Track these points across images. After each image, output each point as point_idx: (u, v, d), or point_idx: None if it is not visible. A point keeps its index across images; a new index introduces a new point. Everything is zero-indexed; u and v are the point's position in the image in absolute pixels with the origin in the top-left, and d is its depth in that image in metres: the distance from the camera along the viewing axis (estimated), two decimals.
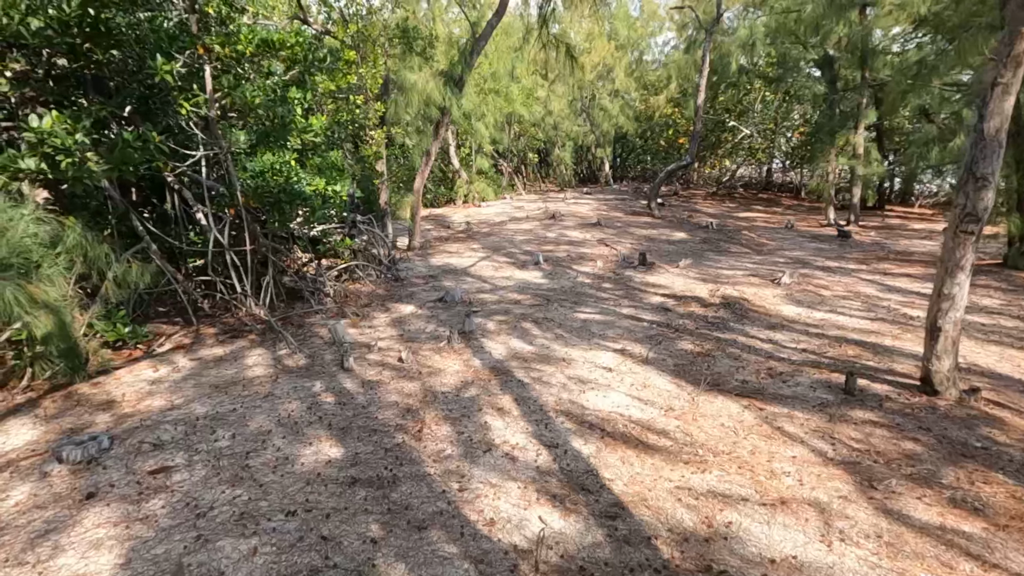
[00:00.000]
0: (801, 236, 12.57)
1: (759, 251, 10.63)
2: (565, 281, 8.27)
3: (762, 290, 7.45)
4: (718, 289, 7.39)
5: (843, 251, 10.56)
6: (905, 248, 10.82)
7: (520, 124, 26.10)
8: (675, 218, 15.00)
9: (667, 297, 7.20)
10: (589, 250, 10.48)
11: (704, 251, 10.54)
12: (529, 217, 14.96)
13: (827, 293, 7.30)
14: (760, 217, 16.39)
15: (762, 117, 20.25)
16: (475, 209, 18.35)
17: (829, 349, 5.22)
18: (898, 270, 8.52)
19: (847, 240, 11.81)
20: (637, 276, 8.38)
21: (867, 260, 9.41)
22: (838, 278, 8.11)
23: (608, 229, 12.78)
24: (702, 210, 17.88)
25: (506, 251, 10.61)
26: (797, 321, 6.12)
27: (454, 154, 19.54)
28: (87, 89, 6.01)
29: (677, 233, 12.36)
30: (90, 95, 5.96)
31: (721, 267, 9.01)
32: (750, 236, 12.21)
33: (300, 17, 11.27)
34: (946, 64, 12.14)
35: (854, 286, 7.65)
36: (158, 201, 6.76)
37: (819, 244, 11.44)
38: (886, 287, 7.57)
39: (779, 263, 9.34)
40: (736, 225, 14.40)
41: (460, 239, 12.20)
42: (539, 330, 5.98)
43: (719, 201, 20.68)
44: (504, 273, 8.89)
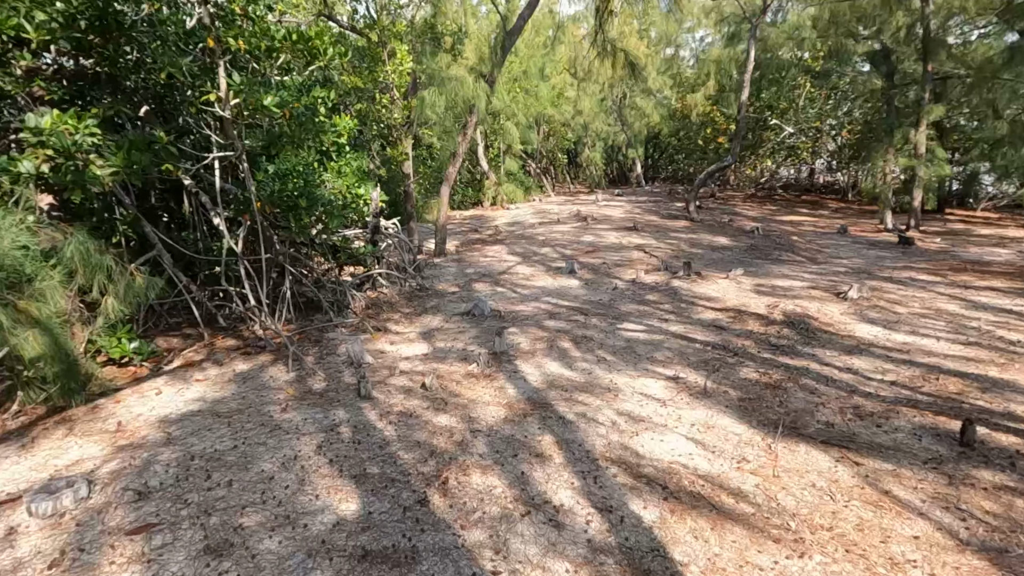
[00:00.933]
0: (857, 242, 11.61)
1: (814, 260, 9.77)
2: (603, 292, 7.62)
3: (827, 305, 6.66)
4: (777, 304, 6.64)
5: (908, 260, 9.62)
6: (978, 257, 9.81)
7: (549, 124, 25.49)
8: (715, 222, 14.16)
9: (720, 312, 6.49)
10: (627, 256, 9.78)
11: (753, 259, 9.73)
12: (560, 220, 14.31)
13: (902, 310, 6.47)
14: (807, 221, 15.39)
15: (807, 115, 19.15)
16: (504, 211, 17.80)
17: (924, 383, 4.46)
18: (980, 282, 7.60)
19: (910, 247, 10.82)
20: (683, 287, 7.67)
21: (939, 270, 8.49)
22: (912, 292, 7.25)
23: (645, 233, 12.05)
24: (743, 213, 16.95)
25: (538, 257, 9.99)
26: (876, 345, 5.35)
27: (482, 155, 19.03)
28: (101, 88, 5.64)
29: (719, 239, 11.55)
30: (103, 95, 5.60)
31: (775, 278, 8.22)
32: (801, 242, 11.32)
33: (326, 14, 10.87)
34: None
35: (932, 302, 6.79)
36: (176, 206, 6.37)
37: (879, 252, 10.50)
38: (970, 303, 6.70)
39: (839, 273, 8.50)
40: (782, 230, 13.49)
41: (489, 243, 11.65)
42: (579, 350, 5.35)
43: (759, 203, 19.67)
44: (537, 282, 8.28)
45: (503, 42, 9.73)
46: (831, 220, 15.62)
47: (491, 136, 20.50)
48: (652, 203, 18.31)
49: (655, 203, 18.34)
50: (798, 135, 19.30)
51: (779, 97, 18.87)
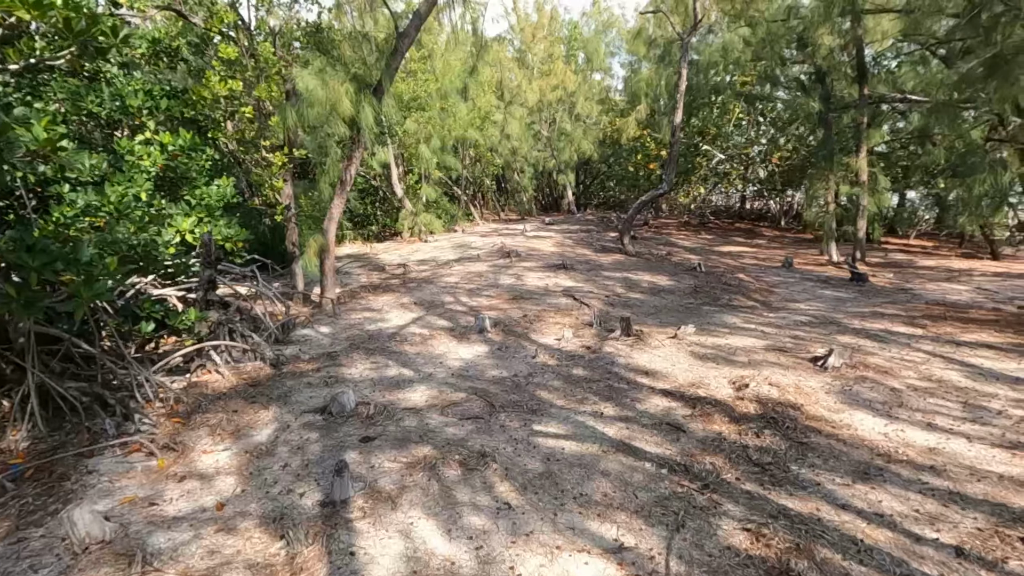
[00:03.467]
0: (807, 279, 10.46)
1: (768, 304, 8.39)
2: (519, 363, 5.75)
3: (805, 379, 5.09)
4: (744, 381, 4.98)
5: (870, 302, 8.43)
6: (941, 296, 8.78)
7: (476, 148, 23.92)
8: (652, 256, 12.78)
9: (672, 398, 4.76)
10: (553, 306, 8.01)
11: (700, 306, 8.22)
12: (481, 257, 12.46)
13: (898, 384, 4.99)
14: (747, 252, 14.36)
15: (735, 141, 18.54)
16: (421, 245, 15.78)
17: (996, 542, 2.82)
18: (967, 336, 6.34)
19: (864, 285, 9.74)
20: (621, 352, 5.93)
21: (913, 319, 7.24)
22: (897, 353, 5.84)
23: (575, 273, 10.38)
24: (679, 243, 15.80)
25: (443, 308, 8.04)
26: (894, 456, 3.74)
27: (397, 181, 17.00)
28: None
29: (659, 278, 10.05)
30: None
31: (731, 333, 6.67)
32: (749, 281, 10.01)
33: (176, 8, 8.62)
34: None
35: (927, 368, 5.38)
36: None
37: (835, 291, 9.31)
38: (973, 369, 5.33)
39: (802, 324, 7.07)
40: (725, 264, 12.26)
41: (391, 288, 9.59)
42: (471, 489, 3.41)
43: (694, 232, 18.74)
44: (435, 348, 6.31)
45: (395, 46, 7.87)
46: (771, 251, 14.68)
47: (409, 160, 18.56)
48: (584, 232, 16.88)
49: (587, 232, 16.93)
50: (729, 161, 18.61)
51: (709, 122, 18.15)
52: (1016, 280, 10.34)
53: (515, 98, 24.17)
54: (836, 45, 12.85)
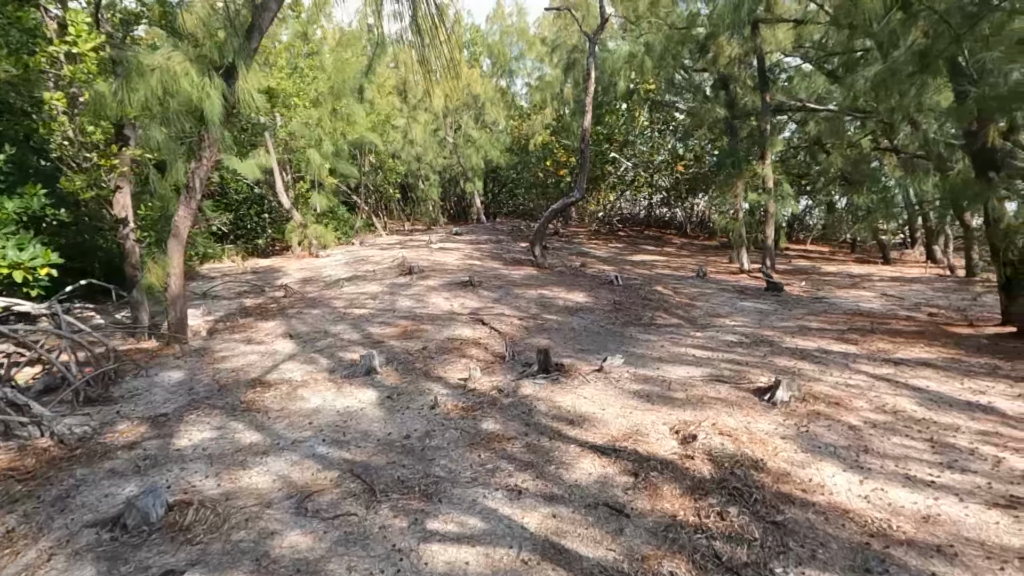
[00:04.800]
0: (724, 289, 10.09)
1: (693, 321, 7.76)
2: (414, 418, 4.51)
3: (755, 420, 4.30)
4: (689, 430, 4.09)
5: (792, 314, 8.06)
6: (855, 305, 8.64)
7: (376, 154, 22.30)
8: (566, 268, 12.00)
9: (607, 459, 3.75)
10: (458, 334, 6.83)
11: (623, 327, 7.41)
12: (378, 273, 11.02)
13: (854, 419, 4.33)
14: (659, 261, 14.04)
15: (640, 149, 18.46)
16: (311, 261, 13.99)
17: None
18: (901, 352, 5.95)
19: (781, 294, 9.49)
20: (541, 395, 4.88)
21: (842, 332, 6.86)
22: (839, 376, 5.28)
23: (485, 291, 9.28)
24: (592, 253, 15.24)
25: (327, 342, 6.60)
26: (889, 533, 2.95)
27: (282, 189, 15.04)
28: None
29: (576, 294, 9.20)
30: None
31: (663, 362, 5.85)
32: (669, 294, 9.42)
33: None
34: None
35: (875, 395, 4.81)
36: None
37: (756, 303, 8.93)
38: (920, 394, 4.83)
39: (733, 345, 6.43)
40: (640, 275, 11.73)
41: (266, 316, 7.96)
42: None
43: (604, 240, 18.39)
44: (308, 399, 4.91)
45: (252, 21, 6.37)
46: (682, 259, 14.49)
47: (298, 166, 16.62)
48: (494, 243, 15.88)
49: (497, 243, 15.94)
50: (636, 169, 18.49)
51: (616, 129, 17.90)
52: (912, 284, 10.63)
53: (419, 102, 22.84)
54: (738, 53, 12.86)
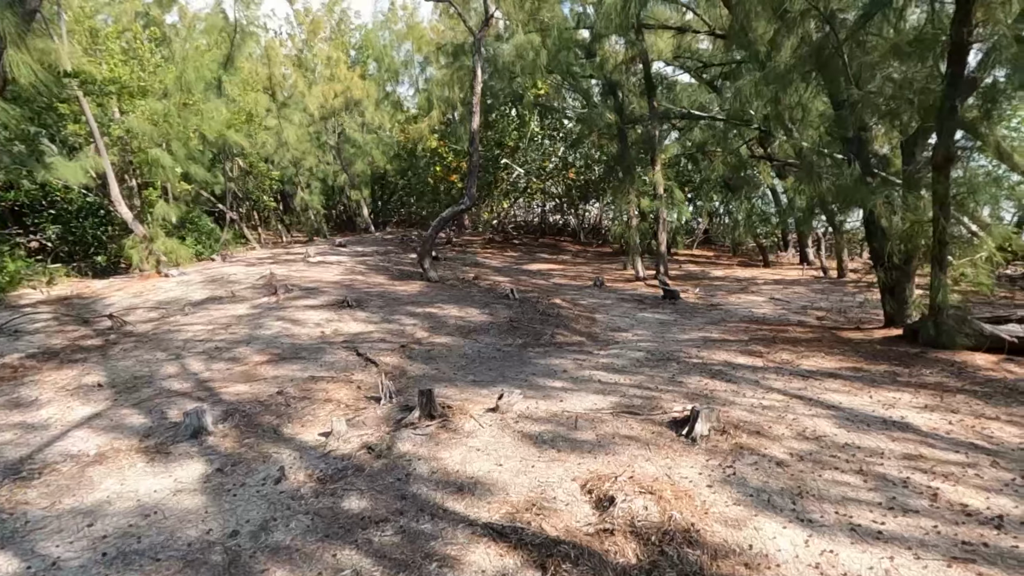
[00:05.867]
0: (623, 299, 9.74)
1: (594, 337, 7.18)
2: (250, 501, 3.34)
3: (677, 466, 3.66)
4: (604, 489, 3.33)
5: (692, 324, 7.78)
6: (749, 312, 8.59)
7: (246, 158, 20.01)
8: (458, 281, 11.09)
9: (505, 546, 2.86)
10: (328, 371, 5.65)
11: (522, 351, 6.63)
12: (237, 295, 9.38)
13: (780, 452, 3.84)
14: (555, 271, 13.60)
15: (533, 155, 18.11)
16: (161, 282, 11.82)
17: None
18: (805, 363, 5.72)
19: (678, 302, 9.29)
20: (422, 452, 3.90)
21: (745, 344, 6.59)
22: (752, 397, 4.85)
23: (366, 311, 8.10)
24: (487, 263, 14.48)
25: (152, 391, 5.12)
26: None
27: (119, 197, 12.64)
28: None
29: (470, 311, 8.31)
30: None
31: (565, 391, 5.11)
32: (568, 308, 8.83)
33: None
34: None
35: (793, 418, 4.40)
36: None
37: (654, 313, 8.60)
38: (834, 412, 4.50)
39: (641, 365, 5.88)
40: (536, 286, 11.13)
41: (78, 357, 6.19)
42: None
43: (499, 249, 17.76)
44: (93, 489, 3.52)
45: None
46: (578, 267, 14.18)
47: (142, 169, 14.17)
48: (381, 255, 14.58)
49: (384, 255, 14.66)
50: (529, 175, 18.08)
51: (508, 134, 17.37)
52: (793, 287, 11.02)
53: (290, 100, 20.84)
54: (624, 59, 12.79)
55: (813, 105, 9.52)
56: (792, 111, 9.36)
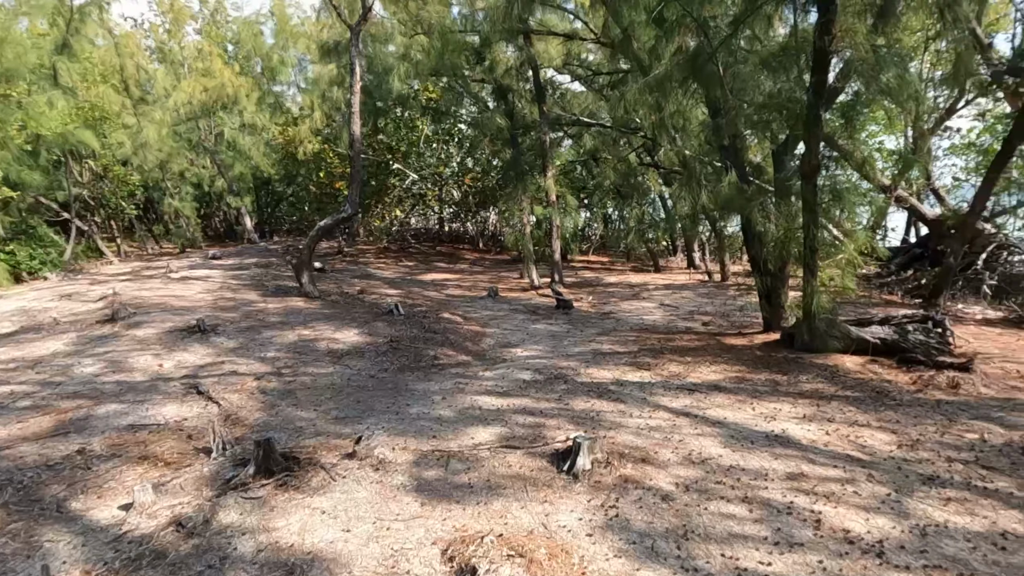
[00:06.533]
0: (515, 310, 9.36)
1: (481, 355, 6.69)
2: None
3: (555, 513, 3.21)
4: (466, 554, 2.80)
5: (584, 336, 7.53)
6: (640, 320, 8.54)
7: (99, 160, 17.56)
8: (341, 296, 10.18)
9: None
10: (151, 418, 4.66)
11: (399, 376, 5.97)
12: (63, 322, 7.85)
13: (665, 483, 3.54)
14: (451, 280, 13.02)
15: (427, 160, 17.46)
16: None
17: None
18: (692, 375, 5.59)
19: (571, 312, 9.07)
20: (248, 526, 3.15)
21: (634, 356, 6.40)
22: (639, 417, 4.58)
23: (222, 338, 7.03)
24: (377, 274, 13.60)
25: None
26: None
27: None
28: None
29: (347, 332, 7.50)
30: None
31: (440, 425, 4.55)
32: (458, 322, 8.28)
33: None
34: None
35: (679, 438, 4.16)
36: None
37: (547, 324, 8.29)
38: (719, 429, 4.32)
39: (528, 386, 5.45)
40: (428, 298, 10.49)
41: None
42: None
43: (395, 259, 16.87)
44: None
45: None
46: (475, 276, 13.71)
47: None
48: (260, 268, 13.20)
49: (264, 268, 13.30)
50: (423, 182, 17.39)
51: (398, 138, 16.58)
52: (681, 292, 11.28)
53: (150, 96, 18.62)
54: (514, 63, 12.54)
55: (693, 114, 9.75)
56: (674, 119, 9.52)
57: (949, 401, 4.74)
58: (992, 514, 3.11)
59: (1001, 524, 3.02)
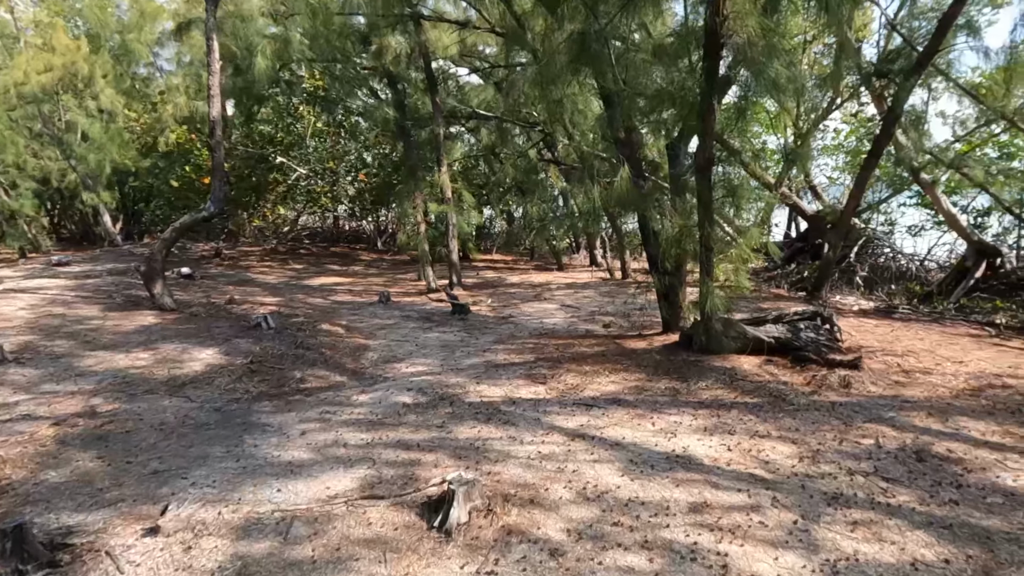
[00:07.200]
0: (408, 317, 8.57)
1: (360, 373, 5.85)
2: None
3: None
4: None
5: (478, 344, 6.91)
6: (539, 324, 8.07)
7: None
8: (205, 307, 8.85)
9: None
10: None
11: (252, 407, 5.00)
12: None
13: (555, 530, 2.98)
14: (341, 285, 11.92)
15: (317, 154, 16.07)
16: None
17: None
18: (589, 388, 5.13)
19: (467, 317, 8.43)
20: None
21: (530, 367, 5.87)
22: (531, 443, 4.02)
23: (23, 370, 5.63)
24: (258, 280, 12.20)
25: None
26: None
27: None
28: None
29: (197, 353, 6.33)
30: None
31: (290, 469, 3.72)
32: (338, 334, 7.34)
33: None
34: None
35: (574, 468, 3.64)
36: None
37: (440, 332, 7.58)
38: (618, 453, 3.86)
39: (406, 411, 4.73)
40: (310, 305, 9.41)
41: None
42: None
43: (282, 261, 15.37)
44: None
45: None
46: (370, 279, 12.69)
47: None
48: (116, 276, 11.31)
49: (122, 274, 11.43)
50: (313, 177, 15.99)
51: (283, 128, 15.08)
52: (583, 291, 11.03)
53: None
54: (404, 50, 11.66)
55: (589, 108, 9.48)
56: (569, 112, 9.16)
57: (843, 403, 4.64)
58: (899, 538, 2.85)
59: (910, 551, 2.75)
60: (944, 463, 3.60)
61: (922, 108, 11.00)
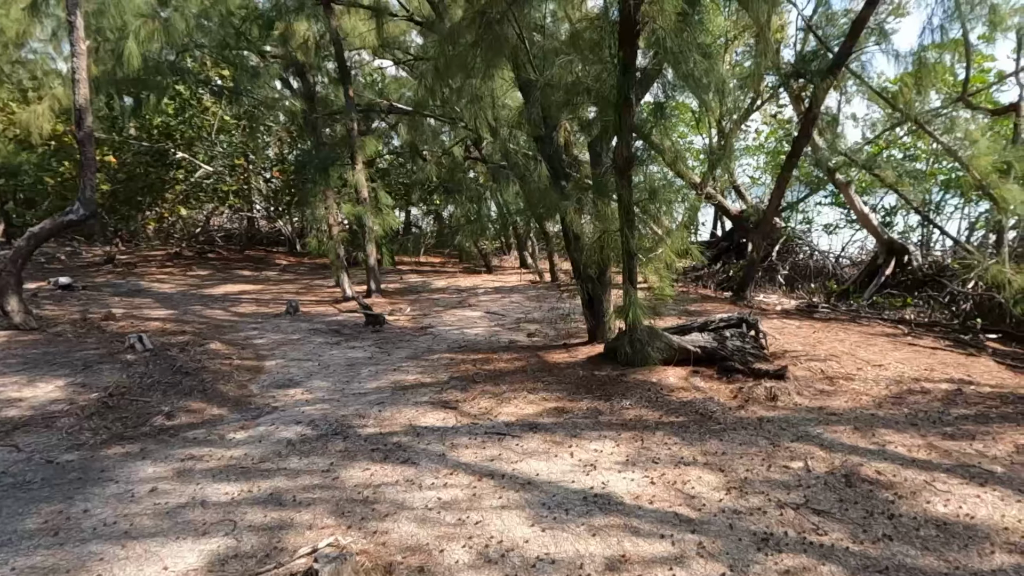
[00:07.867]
0: (316, 331, 7.76)
1: (244, 403, 5.07)
2: None
3: None
4: None
5: (389, 362, 6.25)
6: (460, 335, 7.50)
7: None
8: (76, 324, 7.66)
9: None
10: None
11: (97, 453, 4.14)
12: None
13: None
14: (248, 294, 10.85)
15: (225, 149, 14.72)
16: None
17: None
18: (503, 409, 4.62)
19: (382, 329, 7.73)
20: None
21: (442, 389, 5.29)
22: (430, 491, 3.45)
23: None
24: (152, 290, 10.91)
25: None
26: None
27: None
28: None
29: (42, 387, 5.30)
30: None
31: (121, 546, 2.97)
32: (228, 355, 6.45)
33: None
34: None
35: (477, 517, 3.12)
36: None
37: (348, 348, 6.85)
38: (526, 491, 3.37)
39: (290, 451, 4.04)
40: (204, 317, 8.39)
41: None
42: None
43: (185, 268, 13.96)
44: None
45: None
46: (281, 287, 11.67)
47: None
48: None
49: None
50: (220, 175, 14.64)
51: (184, 121, 13.68)
52: (511, 295, 10.57)
53: None
54: (314, 36, 10.76)
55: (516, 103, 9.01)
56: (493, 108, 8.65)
57: (770, 418, 4.37)
58: None
59: None
60: (874, 488, 3.35)
61: (837, 111, 11.31)
